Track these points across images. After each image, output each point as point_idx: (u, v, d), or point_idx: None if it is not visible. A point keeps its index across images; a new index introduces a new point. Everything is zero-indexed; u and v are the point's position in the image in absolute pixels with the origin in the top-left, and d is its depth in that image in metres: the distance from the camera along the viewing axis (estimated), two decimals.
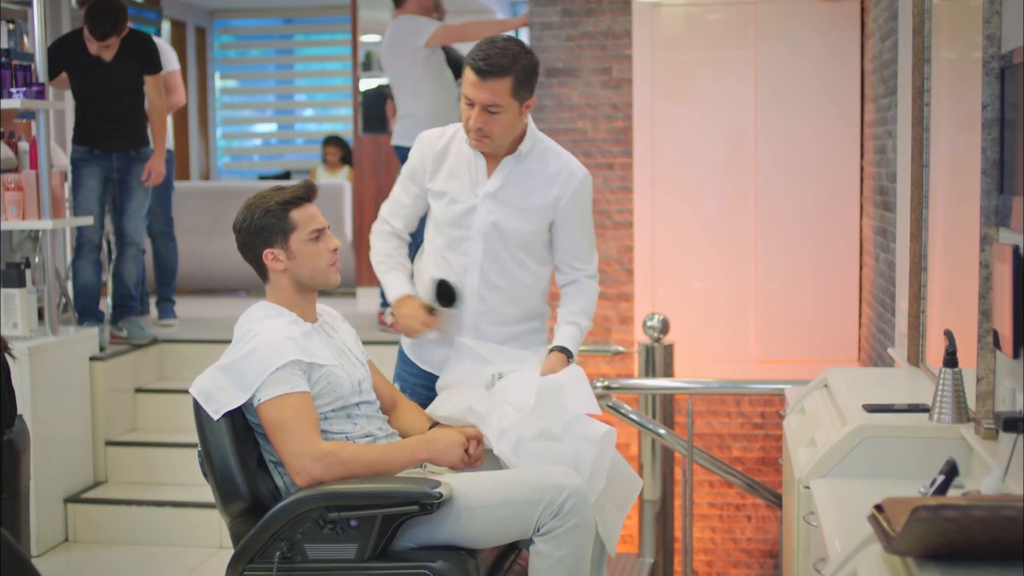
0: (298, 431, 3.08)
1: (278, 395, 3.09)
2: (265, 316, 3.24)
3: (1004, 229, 2.63)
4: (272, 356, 3.11)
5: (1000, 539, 1.73)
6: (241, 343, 3.18)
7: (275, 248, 3.24)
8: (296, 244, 3.24)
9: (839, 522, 2.50)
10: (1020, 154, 2.53)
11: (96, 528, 5.55)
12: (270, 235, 3.24)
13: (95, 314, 6.09)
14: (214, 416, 3.13)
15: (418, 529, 3.12)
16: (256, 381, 3.10)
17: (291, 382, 3.11)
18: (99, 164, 6.04)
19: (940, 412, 2.89)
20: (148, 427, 6.09)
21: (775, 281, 6.39)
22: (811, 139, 6.33)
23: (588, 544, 3.11)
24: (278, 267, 3.25)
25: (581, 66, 6.49)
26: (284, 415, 3.09)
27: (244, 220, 3.26)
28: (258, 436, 3.23)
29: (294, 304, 3.29)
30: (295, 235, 3.23)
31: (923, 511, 1.70)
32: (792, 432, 3.44)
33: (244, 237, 3.28)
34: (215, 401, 3.14)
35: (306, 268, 3.26)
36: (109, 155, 6.05)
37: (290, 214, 3.24)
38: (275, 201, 3.24)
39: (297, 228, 3.24)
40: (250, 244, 3.27)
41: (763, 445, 6.36)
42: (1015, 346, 2.38)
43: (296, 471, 3.09)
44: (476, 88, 3.49)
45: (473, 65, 3.49)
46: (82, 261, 6.07)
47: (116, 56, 5.96)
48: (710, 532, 6.44)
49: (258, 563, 3.13)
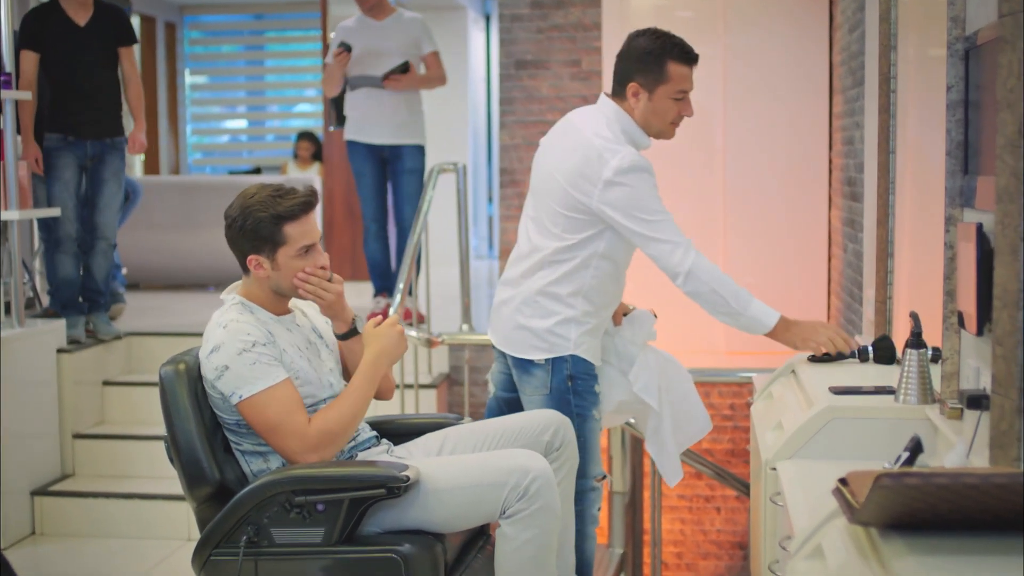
0: (289, 425, 3.07)
1: (258, 391, 3.07)
2: (237, 315, 3.17)
3: (969, 209, 2.64)
4: (243, 355, 3.08)
5: (962, 507, 1.74)
6: (211, 343, 3.14)
7: (261, 256, 3.17)
8: (283, 258, 3.17)
9: (805, 501, 2.51)
10: (984, 135, 2.54)
11: (63, 521, 5.52)
12: (259, 243, 3.16)
13: (76, 307, 6.05)
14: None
15: (385, 514, 3.11)
16: (235, 381, 3.08)
17: (269, 374, 3.08)
18: (73, 153, 5.94)
19: (906, 393, 2.91)
20: (115, 420, 6.05)
21: (744, 274, 6.40)
22: (780, 132, 6.35)
23: (554, 526, 3.11)
24: (260, 274, 3.19)
25: (551, 58, 6.49)
26: (271, 412, 3.07)
27: (237, 219, 3.17)
28: (226, 429, 3.21)
29: (266, 302, 3.24)
30: (284, 249, 3.16)
31: (886, 479, 1.71)
32: (759, 417, 3.45)
33: (233, 233, 3.19)
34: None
35: (287, 281, 3.20)
36: (84, 142, 5.96)
37: (284, 228, 3.15)
38: (271, 212, 3.14)
39: (288, 243, 3.16)
40: (237, 242, 3.20)
41: (732, 437, 6.37)
42: (979, 323, 2.39)
43: (297, 464, 3.10)
44: (691, 78, 3.63)
45: (690, 56, 3.61)
46: (61, 256, 6.01)
47: (90, 24, 5.92)
48: (679, 524, 6.45)
49: (224, 547, 3.11)
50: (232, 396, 3.09)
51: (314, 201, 3.22)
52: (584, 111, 3.74)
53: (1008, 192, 2.16)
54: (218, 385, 3.11)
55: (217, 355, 3.10)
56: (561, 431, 3.40)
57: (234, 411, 3.14)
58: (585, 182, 3.51)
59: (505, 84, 6.56)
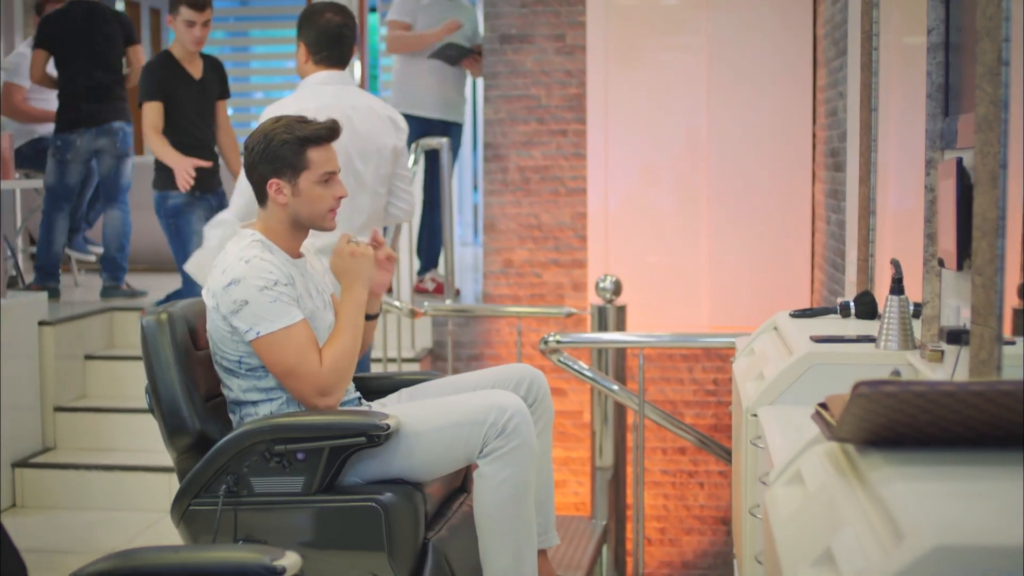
0: (305, 365, 3.06)
1: (277, 329, 3.05)
2: (260, 252, 3.14)
3: (949, 151, 2.64)
4: (264, 291, 3.06)
5: (941, 418, 1.73)
6: (229, 276, 3.10)
7: (282, 180, 3.16)
8: (304, 183, 3.16)
9: (785, 439, 2.50)
10: (965, 77, 2.55)
11: (44, 493, 5.49)
12: (281, 167, 3.15)
13: (55, 276, 6.29)
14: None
15: (366, 464, 3.10)
16: (252, 318, 3.06)
17: (288, 313, 3.06)
18: (85, 140, 6.38)
19: (887, 339, 2.90)
20: (97, 394, 6.03)
21: (728, 251, 6.40)
22: (765, 107, 6.35)
23: (531, 464, 3.11)
24: (280, 199, 3.17)
25: (535, 32, 6.48)
26: (288, 351, 3.05)
27: (258, 143, 3.17)
28: (221, 369, 3.19)
29: (284, 238, 3.22)
30: (306, 174, 3.16)
31: (863, 386, 1.70)
32: (741, 372, 3.44)
33: (253, 159, 3.18)
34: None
35: (306, 209, 3.19)
36: (92, 128, 6.30)
37: (307, 151, 3.16)
38: (296, 135, 3.15)
39: (310, 168, 3.16)
40: (257, 167, 3.18)
41: (716, 412, 6.37)
42: (959, 258, 2.39)
43: (308, 405, 3.10)
44: None
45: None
46: (59, 218, 6.49)
47: (102, 20, 6.29)
48: (663, 499, 6.45)
49: (204, 497, 3.11)
50: (248, 332, 3.06)
51: (338, 130, 3.22)
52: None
53: (987, 120, 2.16)
54: (234, 320, 3.07)
55: (236, 288, 3.06)
56: (535, 385, 3.39)
57: (241, 347, 3.11)
58: None
59: (490, 59, 6.55)
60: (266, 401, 3.16)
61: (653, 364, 6.26)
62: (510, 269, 6.59)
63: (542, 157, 6.50)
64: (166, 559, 2.08)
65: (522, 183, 6.52)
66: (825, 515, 1.78)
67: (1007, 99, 2.10)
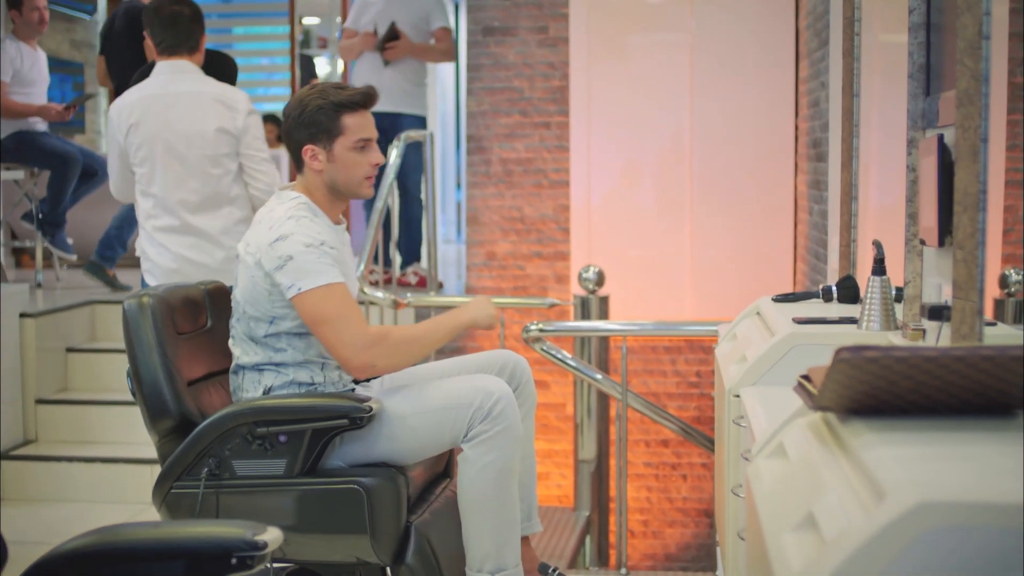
0: (346, 319, 3.03)
1: (320, 285, 3.03)
2: (308, 213, 3.13)
3: (931, 130, 2.64)
4: (310, 248, 3.05)
5: (923, 384, 1.73)
6: (276, 232, 3.08)
7: (317, 146, 3.16)
8: (340, 149, 3.17)
9: (767, 417, 2.50)
10: (946, 56, 2.55)
11: (26, 485, 5.47)
12: (317, 132, 3.16)
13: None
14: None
15: (350, 447, 3.09)
16: (296, 273, 3.04)
17: (331, 272, 3.04)
18: None
19: (869, 320, 2.90)
20: (79, 387, 6.00)
21: (711, 244, 6.41)
22: (747, 100, 6.36)
23: (515, 449, 3.10)
24: (315, 166, 3.18)
25: (518, 25, 6.48)
26: (329, 305, 3.03)
27: (295, 109, 3.18)
28: (247, 338, 3.16)
29: (324, 204, 3.22)
30: (341, 140, 3.16)
31: (845, 352, 1.70)
32: (724, 356, 3.44)
33: (290, 125, 3.19)
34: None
35: (342, 175, 3.18)
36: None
37: (343, 117, 3.16)
38: (332, 100, 3.15)
39: (345, 133, 3.16)
40: (293, 134, 3.19)
41: (699, 404, 6.38)
42: (940, 234, 2.40)
43: (346, 359, 3.04)
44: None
45: None
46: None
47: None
48: (646, 491, 6.45)
49: (185, 480, 3.09)
50: (291, 288, 3.04)
51: (375, 97, 3.22)
52: None
53: (968, 95, 2.17)
54: (277, 275, 3.05)
55: (284, 244, 3.04)
56: (518, 370, 3.40)
57: (276, 307, 3.10)
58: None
59: (472, 51, 6.55)
60: (272, 371, 3.14)
61: (636, 356, 6.26)
62: (493, 261, 6.59)
63: (525, 149, 6.50)
64: (146, 534, 2.06)
65: (505, 175, 6.52)
66: (807, 483, 1.78)
67: (988, 73, 2.11)
